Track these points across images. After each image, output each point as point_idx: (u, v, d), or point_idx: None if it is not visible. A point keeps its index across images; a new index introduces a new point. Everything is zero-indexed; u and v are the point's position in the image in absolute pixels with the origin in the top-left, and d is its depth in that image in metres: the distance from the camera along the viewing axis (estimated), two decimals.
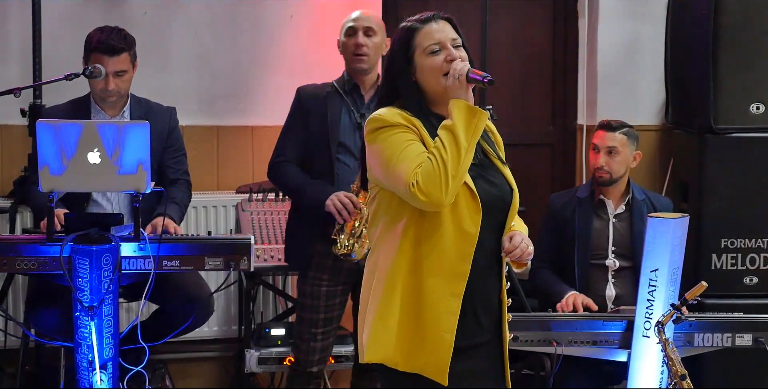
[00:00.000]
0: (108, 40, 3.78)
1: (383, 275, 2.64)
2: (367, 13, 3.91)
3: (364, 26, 3.84)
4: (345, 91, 3.87)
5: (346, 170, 3.80)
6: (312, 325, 3.86)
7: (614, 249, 4.12)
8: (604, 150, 4.12)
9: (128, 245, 3.48)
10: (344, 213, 3.68)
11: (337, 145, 3.81)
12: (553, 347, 3.70)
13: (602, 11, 5.11)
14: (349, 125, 3.83)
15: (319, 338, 3.87)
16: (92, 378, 3.39)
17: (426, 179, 2.54)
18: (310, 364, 3.90)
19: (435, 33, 2.68)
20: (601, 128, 4.19)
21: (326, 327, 3.88)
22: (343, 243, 3.71)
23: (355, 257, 3.71)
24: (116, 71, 3.81)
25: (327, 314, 3.87)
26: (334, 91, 3.87)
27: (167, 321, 3.85)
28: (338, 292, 3.87)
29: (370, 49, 3.82)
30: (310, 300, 3.86)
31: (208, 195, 4.74)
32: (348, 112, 3.85)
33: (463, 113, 2.60)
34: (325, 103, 3.85)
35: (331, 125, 3.82)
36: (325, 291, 3.84)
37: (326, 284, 3.84)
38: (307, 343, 3.88)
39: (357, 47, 3.82)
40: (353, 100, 3.86)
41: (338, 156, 3.82)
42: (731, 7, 4.38)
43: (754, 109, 4.43)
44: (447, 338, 2.60)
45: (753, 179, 4.44)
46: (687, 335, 3.73)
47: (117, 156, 3.33)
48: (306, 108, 3.88)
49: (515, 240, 2.68)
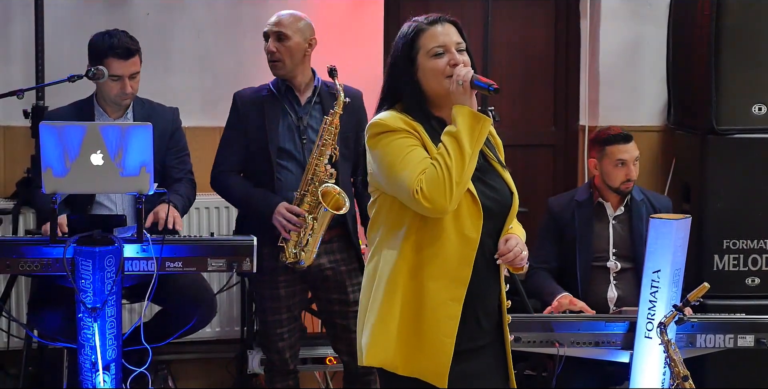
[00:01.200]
0: (122, 44, 3.79)
1: (384, 279, 2.65)
2: (283, 15, 3.87)
3: (275, 31, 3.82)
4: (280, 93, 3.86)
5: (289, 175, 3.80)
6: (277, 326, 3.88)
7: (615, 251, 4.13)
8: (632, 162, 4.12)
9: (131, 246, 3.48)
10: (289, 227, 3.69)
11: (277, 150, 3.80)
12: (556, 348, 3.71)
13: (604, 12, 5.11)
14: (289, 129, 3.83)
15: (285, 337, 3.89)
16: (95, 379, 3.40)
17: (430, 185, 2.54)
18: (284, 363, 3.91)
19: (440, 36, 2.67)
20: (617, 141, 4.14)
21: (290, 325, 3.90)
22: (290, 252, 3.73)
23: (304, 264, 3.74)
24: (131, 74, 3.82)
25: (289, 313, 3.89)
26: (270, 95, 3.86)
27: (170, 322, 3.85)
28: (297, 291, 3.88)
29: (282, 54, 3.80)
30: (270, 303, 3.86)
31: (211, 196, 4.71)
32: (286, 115, 3.84)
33: (467, 119, 2.60)
34: (262, 107, 3.84)
35: (270, 130, 3.81)
36: (284, 292, 3.85)
37: (284, 285, 3.85)
38: (275, 344, 3.89)
39: (269, 54, 3.82)
40: (289, 102, 3.85)
41: (279, 161, 3.81)
42: (733, 9, 4.39)
43: (756, 110, 4.43)
44: (447, 342, 2.61)
45: (755, 180, 4.44)
46: (689, 336, 3.73)
47: (120, 158, 3.34)
48: (244, 114, 3.87)
49: (510, 244, 2.69)
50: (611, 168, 4.14)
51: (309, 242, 3.71)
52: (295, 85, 3.86)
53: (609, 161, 4.14)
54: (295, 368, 3.96)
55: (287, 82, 3.87)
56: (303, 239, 3.71)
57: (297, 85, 3.87)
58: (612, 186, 4.14)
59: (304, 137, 3.83)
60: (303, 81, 3.88)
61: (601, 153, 4.17)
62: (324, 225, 3.72)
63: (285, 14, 3.88)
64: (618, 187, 4.14)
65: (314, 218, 3.71)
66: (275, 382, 3.97)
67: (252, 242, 3.64)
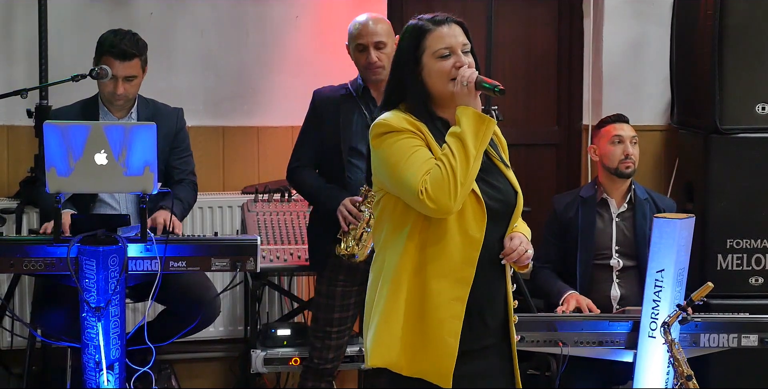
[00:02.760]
0: (120, 45, 3.79)
1: (389, 278, 2.65)
2: (374, 22, 3.84)
3: (374, 42, 3.81)
4: (358, 94, 3.88)
5: (358, 173, 3.81)
6: (327, 324, 3.90)
7: (618, 249, 4.12)
8: (629, 139, 4.13)
9: (135, 246, 3.49)
10: (349, 219, 3.72)
11: (348, 149, 3.83)
12: (559, 347, 3.71)
13: (607, 11, 5.11)
14: (361, 128, 3.83)
15: (333, 337, 3.91)
16: (99, 378, 3.40)
17: (435, 186, 2.54)
18: (324, 362, 3.93)
19: (446, 37, 2.67)
20: (613, 121, 4.19)
21: (340, 327, 3.92)
22: (347, 244, 3.74)
23: (358, 258, 3.74)
24: (126, 76, 3.82)
25: (341, 313, 3.90)
26: (348, 95, 3.89)
27: (174, 321, 3.86)
28: (353, 292, 3.90)
29: (383, 61, 3.82)
30: (325, 300, 3.90)
31: (214, 196, 4.74)
32: (361, 115, 3.86)
33: (472, 120, 2.60)
34: (338, 107, 3.87)
35: (344, 129, 3.84)
36: (340, 291, 3.88)
37: (342, 284, 3.88)
38: (321, 341, 3.92)
39: (370, 64, 3.82)
40: (366, 103, 3.87)
41: (350, 159, 3.83)
42: (737, 8, 4.38)
43: (760, 109, 4.43)
44: (451, 342, 2.61)
45: (758, 180, 4.44)
46: (693, 335, 3.72)
47: (124, 157, 3.34)
48: (320, 112, 3.91)
49: (514, 243, 2.69)
50: (608, 147, 4.14)
51: (364, 236, 3.72)
52: (378, 87, 3.85)
53: (606, 140, 4.16)
54: (332, 368, 3.97)
55: (365, 84, 3.87)
56: (358, 233, 3.72)
57: (380, 86, 3.84)
58: (610, 167, 4.12)
59: None
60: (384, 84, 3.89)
61: (597, 136, 4.21)
62: None
63: (373, 21, 3.84)
64: (617, 167, 4.11)
65: (372, 214, 3.71)
66: (308, 380, 3.98)
67: (255, 241, 3.64)
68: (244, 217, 4.52)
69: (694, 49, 4.65)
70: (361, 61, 3.84)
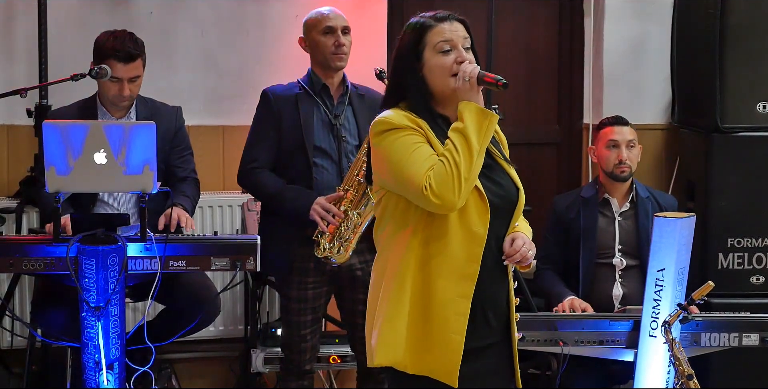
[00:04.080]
0: (124, 48, 3.78)
1: (392, 276, 2.63)
2: (337, 11, 3.89)
3: (342, 25, 3.83)
4: (315, 91, 3.85)
5: (324, 173, 3.79)
6: (301, 328, 3.87)
7: (620, 248, 4.12)
8: (625, 144, 4.12)
9: (134, 245, 3.48)
10: (329, 219, 3.68)
11: (313, 148, 3.78)
12: (560, 346, 3.70)
13: (608, 10, 5.11)
14: (323, 127, 3.81)
15: (308, 338, 3.88)
16: (99, 378, 3.40)
17: (439, 181, 2.53)
18: (302, 363, 3.91)
19: (448, 33, 2.66)
20: (611, 124, 4.18)
21: (314, 327, 3.90)
22: (324, 246, 3.71)
23: (335, 261, 3.72)
24: (131, 77, 3.82)
25: (314, 315, 3.89)
26: (305, 92, 3.84)
27: (173, 321, 3.85)
28: (323, 293, 3.88)
29: (347, 47, 3.82)
30: (296, 304, 3.85)
31: (214, 195, 4.74)
32: (320, 113, 3.83)
33: (475, 115, 2.59)
34: (296, 105, 3.82)
35: (306, 128, 3.79)
36: (311, 294, 3.85)
37: (312, 287, 3.84)
38: (297, 345, 3.88)
39: (339, 46, 3.80)
40: (323, 100, 3.84)
41: (315, 160, 3.79)
42: (738, 7, 4.38)
43: (761, 108, 4.43)
44: (456, 339, 2.59)
45: (759, 178, 4.44)
46: (694, 334, 3.72)
47: (123, 157, 3.34)
48: (277, 111, 3.83)
49: (516, 244, 2.68)
50: (604, 150, 4.14)
51: (348, 235, 3.70)
52: (334, 82, 3.85)
53: (602, 143, 4.16)
54: (311, 368, 3.96)
55: (324, 81, 3.85)
56: (345, 233, 3.70)
57: (335, 82, 3.85)
58: (606, 170, 4.13)
59: (344, 136, 3.81)
60: (339, 78, 3.88)
61: (596, 137, 4.22)
62: (366, 220, 3.71)
63: (336, 10, 3.89)
64: (612, 171, 4.11)
65: (359, 214, 3.70)
66: (290, 381, 3.96)
67: (255, 241, 3.63)
68: (244, 216, 4.51)
69: (695, 47, 4.65)
70: (327, 44, 3.80)
